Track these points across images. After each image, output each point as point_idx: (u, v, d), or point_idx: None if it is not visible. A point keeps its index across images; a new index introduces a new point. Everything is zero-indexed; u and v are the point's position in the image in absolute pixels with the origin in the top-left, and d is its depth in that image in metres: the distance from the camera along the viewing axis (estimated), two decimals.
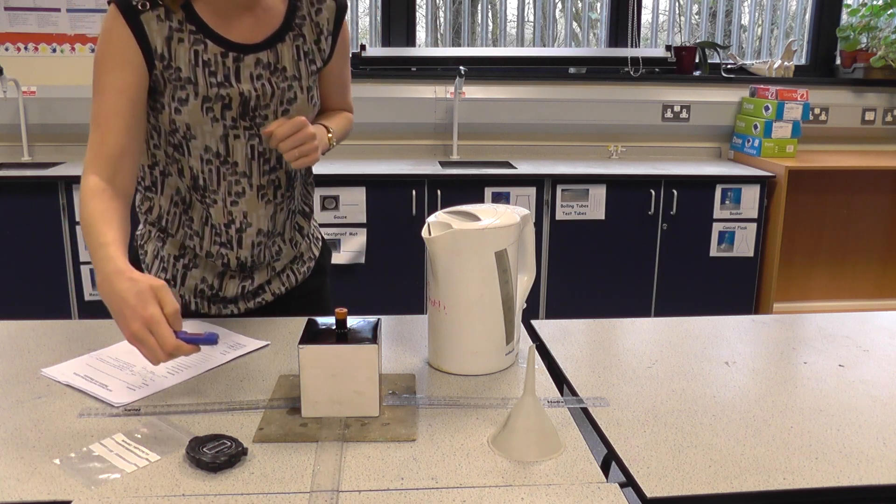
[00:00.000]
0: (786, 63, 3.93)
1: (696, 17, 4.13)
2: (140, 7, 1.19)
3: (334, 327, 1.01)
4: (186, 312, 1.38)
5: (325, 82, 1.40)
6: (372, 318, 1.05)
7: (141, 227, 1.42)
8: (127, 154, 1.20)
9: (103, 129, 1.19)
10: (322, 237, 1.58)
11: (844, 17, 4.01)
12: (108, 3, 1.20)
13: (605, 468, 0.91)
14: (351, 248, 3.26)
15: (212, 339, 1.02)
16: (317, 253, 1.52)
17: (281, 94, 1.30)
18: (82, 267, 3.18)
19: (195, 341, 1.01)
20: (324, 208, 3.22)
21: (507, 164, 3.59)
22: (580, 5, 4.09)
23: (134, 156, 1.22)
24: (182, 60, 1.22)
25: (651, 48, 4.04)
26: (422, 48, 3.93)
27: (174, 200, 1.34)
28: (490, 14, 4.05)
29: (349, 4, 3.85)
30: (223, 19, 1.25)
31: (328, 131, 1.37)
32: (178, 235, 1.37)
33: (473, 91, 3.71)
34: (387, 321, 1.36)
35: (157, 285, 1.01)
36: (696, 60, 3.91)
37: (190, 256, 1.38)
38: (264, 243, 1.38)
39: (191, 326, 1.30)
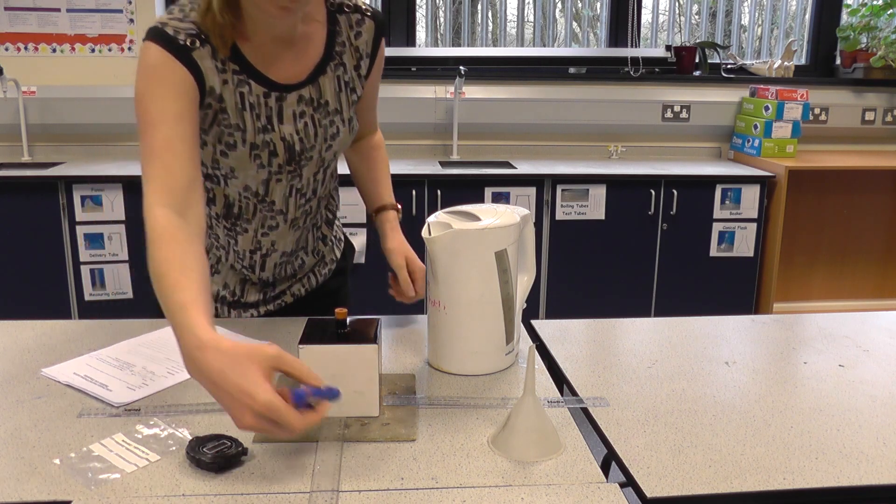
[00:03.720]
0: (786, 63, 3.93)
1: (696, 17, 4.13)
2: (190, 45, 1.10)
3: (334, 327, 1.01)
4: None
5: (360, 104, 1.34)
6: (372, 318, 1.05)
7: None
8: (197, 184, 1.07)
9: (167, 157, 1.05)
10: (344, 237, 1.56)
11: (844, 17, 4.01)
12: (145, 39, 1.10)
13: (605, 468, 0.91)
14: None
15: (334, 394, 0.85)
16: (338, 254, 1.51)
17: (324, 131, 1.26)
18: (82, 267, 3.18)
19: (320, 394, 0.84)
20: None
21: (507, 164, 3.59)
22: (580, 5, 4.09)
23: (202, 188, 1.09)
24: (229, 104, 1.17)
25: (651, 48, 4.04)
26: (422, 48, 3.93)
27: None
28: (490, 14, 4.05)
29: None
30: (265, 56, 1.18)
31: (398, 212, 1.42)
32: (206, 243, 1.34)
33: (473, 91, 3.71)
34: (387, 321, 1.36)
35: (259, 354, 0.83)
36: (696, 60, 3.91)
37: (212, 263, 1.37)
38: (287, 261, 1.39)
39: None
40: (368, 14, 1.27)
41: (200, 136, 1.16)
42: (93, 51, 3.60)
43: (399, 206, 1.43)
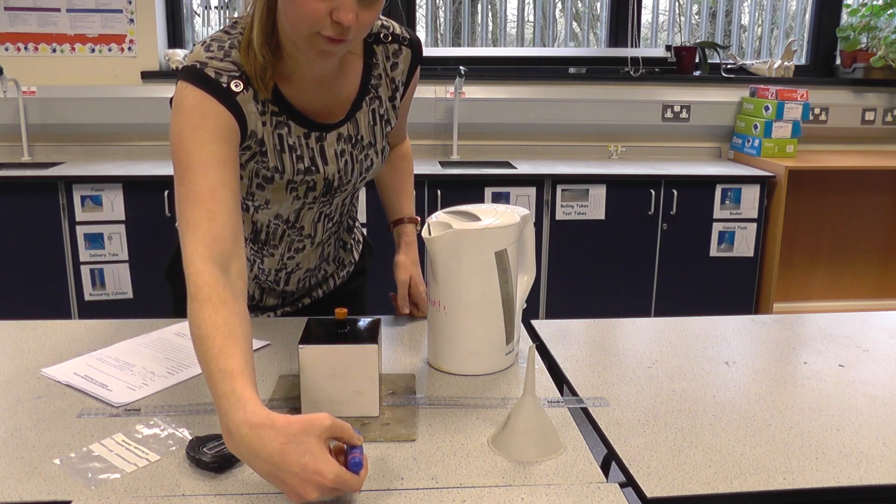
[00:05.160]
0: (786, 63, 3.93)
1: (696, 17, 4.13)
2: (234, 88, 1.06)
3: (334, 327, 1.01)
4: None
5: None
6: (372, 318, 1.05)
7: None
8: (240, 234, 1.01)
9: (211, 205, 0.98)
10: (363, 238, 1.55)
11: (844, 17, 4.01)
12: (183, 80, 1.05)
13: (605, 468, 0.91)
14: None
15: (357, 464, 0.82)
16: (357, 256, 1.51)
17: (360, 166, 1.24)
18: (82, 267, 3.18)
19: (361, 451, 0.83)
20: None
21: (507, 164, 3.59)
22: (580, 5, 4.09)
23: (243, 239, 1.02)
24: (269, 146, 1.14)
25: (651, 48, 4.04)
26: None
27: None
28: (490, 14, 4.04)
29: None
30: (305, 96, 1.15)
31: (417, 225, 1.42)
32: None
33: (473, 91, 3.71)
34: (387, 321, 1.36)
35: (316, 427, 0.79)
36: (696, 60, 3.91)
37: None
38: (310, 276, 1.39)
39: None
40: (405, 43, 1.24)
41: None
42: (93, 51, 3.60)
43: (418, 220, 1.43)
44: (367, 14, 1.01)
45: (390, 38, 1.23)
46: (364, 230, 1.57)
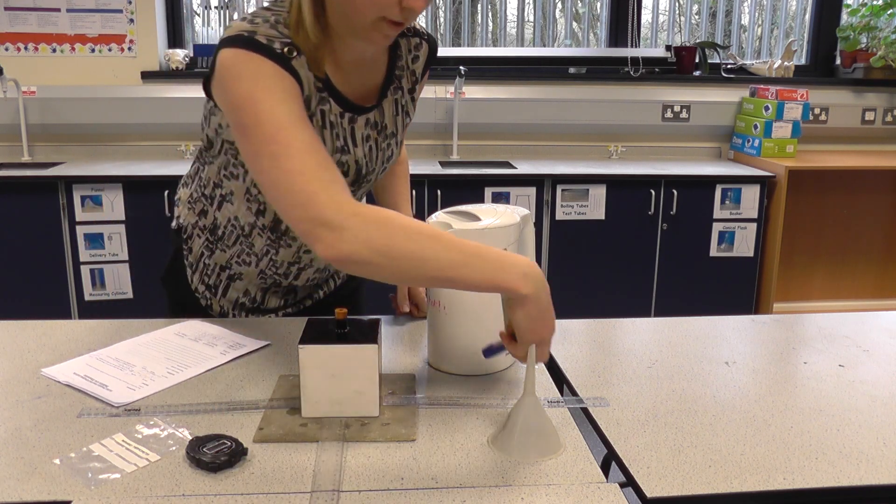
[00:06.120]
0: (786, 63, 3.93)
1: (696, 17, 4.13)
2: (287, 54, 1.04)
3: (334, 327, 1.01)
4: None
5: None
6: (372, 318, 1.05)
7: (185, 215, 1.34)
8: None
9: (319, 156, 0.97)
10: None
11: (844, 17, 4.01)
12: (231, 47, 1.02)
13: (605, 468, 0.91)
14: None
15: None
16: None
17: (382, 154, 1.25)
18: (82, 267, 3.18)
19: None
20: None
21: (507, 164, 3.59)
22: (580, 5, 4.09)
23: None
24: (314, 120, 1.13)
25: (651, 48, 4.04)
26: None
27: (231, 222, 1.28)
28: (490, 14, 4.05)
29: None
30: (342, 75, 1.15)
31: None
32: (232, 250, 1.31)
33: (473, 91, 3.71)
34: (387, 321, 1.36)
35: None
36: (696, 60, 3.92)
37: (235, 272, 1.34)
38: (320, 276, 1.39)
39: (190, 325, 1.30)
40: (425, 38, 1.27)
41: None
42: (93, 51, 3.60)
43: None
44: (427, 2, 1.02)
45: (412, 32, 1.25)
46: None
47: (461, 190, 3.30)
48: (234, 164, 1.20)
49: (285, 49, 1.04)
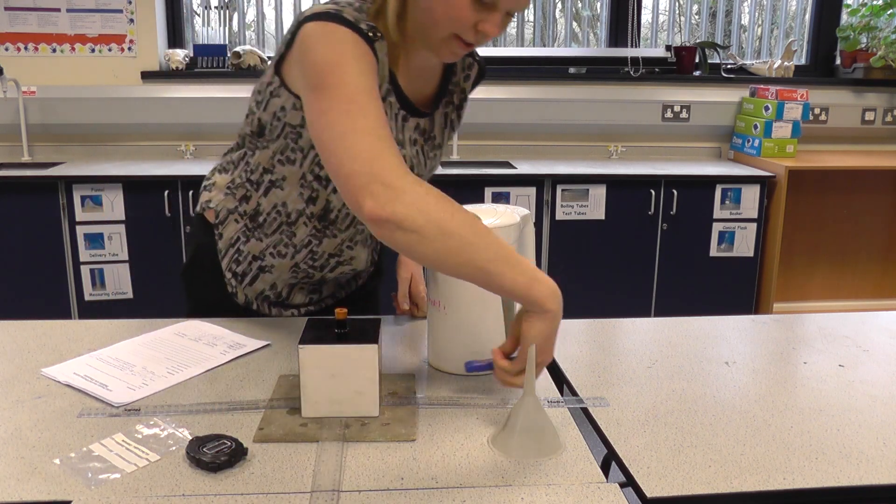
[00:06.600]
0: (786, 63, 3.93)
1: (696, 17, 4.13)
2: (373, 35, 1.05)
3: (334, 327, 1.01)
4: (248, 312, 1.36)
5: None
6: (372, 318, 1.05)
7: (219, 200, 1.33)
8: None
9: (385, 132, 0.98)
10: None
11: (844, 17, 4.01)
12: (317, 20, 1.03)
13: (605, 468, 0.91)
14: None
15: None
16: (376, 257, 1.50)
17: (430, 163, 1.28)
18: (82, 267, 3.18)
19: None
20: None
21: (507, 164, 3.59)
22: (580, 5, 4.09)
23: None
24: (385, 105, 1.13)
25: (651, 48, 4.04)
26: None
27: (277, 209, 1.27)
28: None
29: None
30: (405, 76, 1.17)
31: None
32: (270, 240, 1.29)
33: (473, 91, 3.71)
34: (387, 321, 1.36)
35: None
36: (696, 60, 3.91)
37: (268, 264, 1.32)
38: (353, 277, 1.40)
39: (190, 325, 1.30)
40: (477, 60, 1.32)
41: None
42: (93, 51, 3.60)
43: None
44: (501, 29, 1.06)
45: (468, 52, 1.26)
46: None
47: (461, 190, 3.30)
48: (293, 148, 1.20)
49: (370, 32, 1.06)
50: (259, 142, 1.23)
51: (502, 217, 1.11)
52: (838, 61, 4.04)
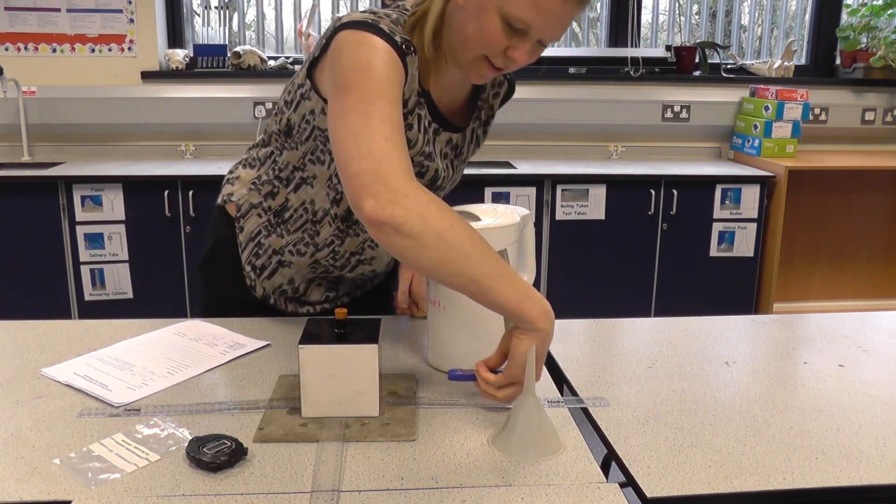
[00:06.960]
0: (786, 63, 3.93)
1: (696, 17, 4.13)
2: (406, 49, 1.07)
3: (334, 327, 1.01)
4: (265, 306, 1.36)
5: None
6: (372, 318, 1.05)
7: (243, 194, 1.33)
8: None
9: (401, 137, 1.00)
10: None
11: (844, 17, 4.01)
12: (353, 29, 1.05)
13: (605, 468, 0.91)
14: None
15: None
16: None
17: (453, 175, 1.29)
18: (82, 267, 3.18)
19: None
20: None
21: (507, 164, 3.59)
22: None
23: None
24: (413, 118, 1.15)
25: (651, 48, 4.04)
26: None
27: (304, 206, 1.27)
28: None
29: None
30: (435, 93, 1.18)
31: None
32: (291, 237, 1.30)
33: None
34: (387, 321, 1.36)
35: None
36: (696, 60, 3.91)
37: (286, 259, 1.32)
38: (373, 276, 1.40)
39: (190, 325, 1.30)
40: (508, 79, 1.31)
41: None
42: (93, 51, 3.60)
43: None
44: (531, 57, 1.08)
45: None
46: None
47: (461, 190, 3.26)
48: (322, 150, 1.21)
49: (404, 45, 1.06)
50: (287, 142, 1.24)
51: (502, 217, 1.11)
52: (838, 61, 4.04)
